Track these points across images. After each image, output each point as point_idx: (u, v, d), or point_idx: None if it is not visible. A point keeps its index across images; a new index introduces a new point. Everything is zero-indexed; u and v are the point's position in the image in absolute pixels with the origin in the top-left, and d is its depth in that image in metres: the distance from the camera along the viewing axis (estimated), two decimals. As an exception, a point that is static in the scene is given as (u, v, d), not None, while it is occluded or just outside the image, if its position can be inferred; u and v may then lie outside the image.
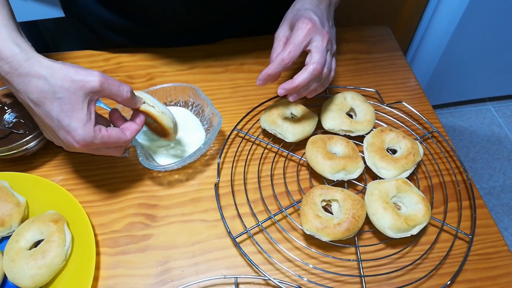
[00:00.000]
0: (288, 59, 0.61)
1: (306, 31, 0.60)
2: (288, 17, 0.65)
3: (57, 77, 0.50)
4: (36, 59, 0.50)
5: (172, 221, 0.64)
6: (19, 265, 0.55)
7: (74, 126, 0.51)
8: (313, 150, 0.66)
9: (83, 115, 0.51)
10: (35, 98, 0.50)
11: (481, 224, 0.65)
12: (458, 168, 0.71)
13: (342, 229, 0.58)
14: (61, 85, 0.50)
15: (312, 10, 0.63)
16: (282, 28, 0.65)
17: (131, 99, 0.56)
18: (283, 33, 0.64)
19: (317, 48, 0.61)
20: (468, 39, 1.62)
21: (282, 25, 0.65)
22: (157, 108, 0.59)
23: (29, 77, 0.50)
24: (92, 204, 0.65)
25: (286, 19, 0.65)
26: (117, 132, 0.56)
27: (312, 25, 0.60)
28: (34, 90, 0.50)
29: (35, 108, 0.52)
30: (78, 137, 0.52)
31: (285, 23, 0.65)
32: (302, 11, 0.62)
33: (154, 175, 0.69)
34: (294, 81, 0.61)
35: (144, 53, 0.85)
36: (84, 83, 0.50)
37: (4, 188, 0.62)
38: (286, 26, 0.65)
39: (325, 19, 0.64)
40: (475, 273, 0.60)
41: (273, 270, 0.60)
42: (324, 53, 0.61)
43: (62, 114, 0.51)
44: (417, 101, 0.81)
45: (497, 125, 2.00)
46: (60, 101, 0.50)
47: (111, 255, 0.61)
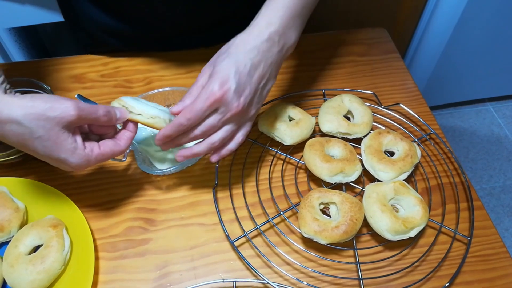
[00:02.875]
0: (186, 126, 0.55)
1: (211, 101, 0.53)
2: (221, 52, 0.58)
3: (31, 117, 0.47)
4: (6, 103, 0.47)
5: (170, 225, 0.64)
6: (18, 271, 0.55)
7: (64, 157, 0.51)
8: (311, 153, 0.67)
9: (68, 145, 0.50)
10: (15, 142, 0.49)
11: (479, 226, 0.65)
12: (456, 169, 0.72)
13: (340, 232, 0.58)
14: (37, 125, 0.48)
15: (240, 63, 0.54)
16: (207, 68, 0.58)
17: (110, 120, 0.54)
18: (204, 78, 0.57)
19: (210, 119, 0.55)
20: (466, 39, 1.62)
21: (210, 62, 0.58)
22: (145, 115, 0.57)
23: (2, 124, 0.47)
24: (90, 209, 0.66)
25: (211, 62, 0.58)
26: (110, 146, 0.55)
27: (221, 95, 0.53)
28: (12, 135, 0.48)
29: (22, 148, 0.51)
30: (73, 165, 0.52)
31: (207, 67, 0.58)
32: (226, 63, 0.54)
33: (153, 179, 0.69)
34: (192, 149, 0.58)
35: (142, 57, 0.86)
36: (59, 119, 0.49)
37: (3, 194, 0.62)
38: (209, 63, 0.58)
39: (252, 81, 0.56)
40: (473, 275, 0.61)
41: (271, 274, 0.60)
42: (214, 125, 0.56)
43: (47, 150, 0.50)
44: (414, 103, 0.81)
45: (497, 125, 2.00)
46: (41, 139, 0.49)
47: (110, 260, 0.61)
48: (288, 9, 0.58)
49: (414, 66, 1.76)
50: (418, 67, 1.75)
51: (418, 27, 1.66)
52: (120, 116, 0.56)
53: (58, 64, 0.84)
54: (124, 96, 0.60)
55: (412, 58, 1.77)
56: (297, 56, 0.88)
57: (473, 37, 1.62)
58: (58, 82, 0.82)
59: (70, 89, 0.81)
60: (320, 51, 0.89)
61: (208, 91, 0.53)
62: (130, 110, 0.57)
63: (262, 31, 0.57)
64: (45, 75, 0.83)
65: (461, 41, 1.62)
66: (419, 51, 1.71)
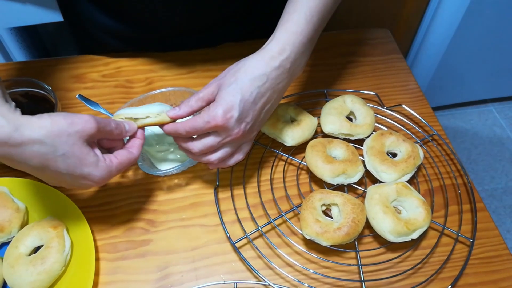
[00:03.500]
0: (184, 136, 0.57)
1: (211, 125, 0.54)
2: (222, 74, 0.57)
3: (52, 135, 0.47)
4: (25, 125, 0.46)
5: (171, 226, 0.64)
6: (19, 271, 0.55)
7: (88, 172, 0.50)
8: (312, 154, 0.66)
9: (91, 159, 0.50)
10: (37, 163, 0.48)
11: (482, 228, 0.65)
12: (459, 171, 0.71)
13: (342, 233, 0.58)
14: (60, 141, 0.47)
15: (246, 91, 0.54)
16: (214, 84, 0.57)
17: (121, 133, 0.55)
18: (207, 91, 0.56)
19: (209, 139, 0.57)
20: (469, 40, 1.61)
21: (217, 78, 0.57)
22: (152, 115, 0.57)
23: (24, 146, 0.46)
24: (91, 210, 0.65)
25: (220, 75, 0.57)
26: (125, 154, 0.55)
27: (222, 122, 0.54)
28: (34, 156, 0.47)
29: (40, 172, 0.50)
30: (96, 178, 0.51)
31: (217, 77, 0.58)
32: (232, 89, 0.54)
33: (154, 180, 0.69)
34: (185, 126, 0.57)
35: (143, 58, 0.86)
36: (81, 133, 0.49)
37: (4, 194, 0.62)
38: (215, 82, 0.57)
39: (256, 108, 0.56)
40: (476, 277, 0.60)
41: (273, 275, 0.60)
42: (221, 152, 0.59)
43: (71, 167, 0.49)
44: (417, 104, 0.80)
45: (499, 126, 1.99)
46: (64, 156, 0.48)
47: (110, 261, 0.61)
48: (301, 34, 0.56)
49: (416, 67, 1.76)
50: (420, 67, 1.75)
51: (420, 28, 1.66)
52: (129, 128, 0.56)
53: (59, 64, 0.84)
54: (119, 110, 0.59)
55: (414, 59, 1.76)
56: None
57: (475, 38, 1.61)
58: (59, 82, 0.81)
59: (71, 89, 0.80)
60: (322, 51, 0.89)
61: (211, 114, 0.54)
62: (135, 118, 0.57)
63: (274, 58, 0.56)
64: (46, 75, 0.82)
65: (464, 42, 1.61)
66: (422, 51, 1.70)
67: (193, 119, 0.55)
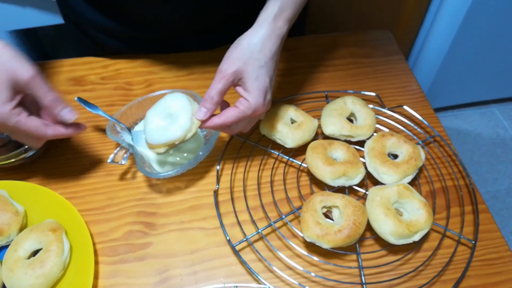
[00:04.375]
0: (228, 126, 0.60)
1: (258, 113, 0.59)
2: (237, 60, 0.57)
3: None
4: None
5: (171, 229, 0.64)
6: (18, 275, 0.55)
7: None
8: (313, 155, 0.66)
9: (3, 96, 0.50)
10: None
11: (484, 229, 0.64)
12: (461, 172, 0.71)
13: (343, 236, 0.57)
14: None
15: (270, 71, 0.58)
16: (231, 72, 0.57)
17: (52, 108, 0.55)
18: (225, 83, 0.57)
19: (251, 119, 0.61)
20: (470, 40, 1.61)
21: (228, 64, 0.58)
22: (187, 132, 0.59)
23: None
24: (90, 213, 0.65)
25: (233, 61, 0.57)
26: (36, 123, 0.54)
27: (266, 106, 0.59)
28: None
29: None
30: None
31: (231, 64, 0.57)
32: (261, 75, 0.57)
33: (153, 182, 0.69)
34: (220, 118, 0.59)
35: (142, 59, 0.85)
36: (13, 71, 0.50)
37: (3, 197, 0.62)
38: (231, 71, 0.57)
39: (270, 87, 0.60)
40: (478, 279, 0.60)
41: (273, 278, 0.59)
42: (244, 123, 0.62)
43: None
44: (418, 105, 0.80)
45: (502, 127, 1.98)
46: None
47: (109, 264, 0.60)
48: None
49: (418, 68, 1.76)
50: (422, 68, 1.74)
51: (421, 29, 1.65)
52: (67, 117, 0.56)
53: (58, 66, 0.84)
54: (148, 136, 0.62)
55: (416, 60, 1.76)
56: (300, 58, 0.87)
57: (477, 38, 1.61)
58: (58, 84, 0.81)
59: (70, 92, 0.80)
60: (323, 52, 0.89)
61: (254, 104, 0.57)
62: (177, 143, 0.60)
63: (280, 29, 0.59)
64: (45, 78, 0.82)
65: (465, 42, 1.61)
66: (423, 52, 1.70)
67: (233, 114, 0.57)
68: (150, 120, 0.62)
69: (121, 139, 0.67)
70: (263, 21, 0.59)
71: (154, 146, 0.61)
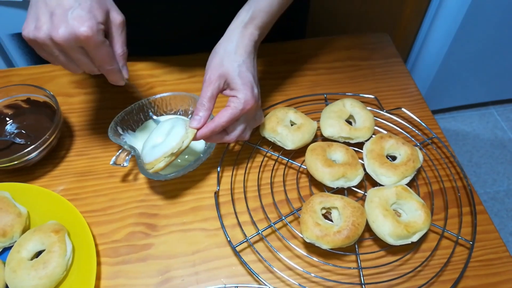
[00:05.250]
0: (219, 131, 0.61)
1: (247, 109, 0.60)
2: (217, 66, 0.60)
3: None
4: None
5: (172, 230, 0.64)
6: (21, 276, 0.56)
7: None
8: (312, 157, 0.67)
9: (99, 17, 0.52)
10: None
11: (481, 230, 0.65)
12: (458, 174, 0.71)
13: (342, 236, 0.58)
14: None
15: (250, 67, 0.61)
16: (216, 78, 0.60)
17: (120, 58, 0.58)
18: (212, 88, 0.60)
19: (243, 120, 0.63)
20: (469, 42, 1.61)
21: (210, 72, 0.61)
22: (183, 140, 0.60)
23: None
24: (92, 214, 0.66)
25: (215, 68, 0.60)
26: (111, 52, 0.56)
27: (254, 101, 0.60)
28: None
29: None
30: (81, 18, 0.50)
31: (213, 71, 0.60)
32: (242, 72, 0.60)
33: (155, 184, 0.69)
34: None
35: (144, 62, 0.86)
36: (109, 10, 0.54)
37: (6, 199, 0.62)
38: (215, 77, 0.60)
39: (255, 82, 0.62)
40: (476, 280, 0.60)
41: (273, 279, 0.60)
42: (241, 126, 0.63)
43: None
44: (416, 107, 0.81)
45: (500, 129, 1.99)
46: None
47: (111, 265, 0.61)
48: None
49: (416, 70, 1.76)
50: (420, 71, 1.75)
51: (420, 31, 1.66)
52: (125, 72, 0.60)
53: (60, 69, 0.85)
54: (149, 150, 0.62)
55: (414, 62, 1.77)
56: (299, 60, 0.88)
57: (475, 40, 1.61)
58: (60, 87, 0.82)
59: (72, 95, 0.81)
60: (322, 55, 0.89)
61: (243, 101, 0.59)
62: (174, 152, 0.60)
63: (251, 29, 0.63)
64: (47, 81, 0.83)
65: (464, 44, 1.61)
66: (421, 55, 1.71)
67: (226, 113, 0.59)
68: (147, 144, 0.63)
69: (123, 142, 0.68)
70: (234, 29, 0.63)
71: (153, 162, 0.60)
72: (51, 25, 0.51)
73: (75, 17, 0.50)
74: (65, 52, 0.53)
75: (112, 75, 0.58)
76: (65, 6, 0.50)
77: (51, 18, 0.51)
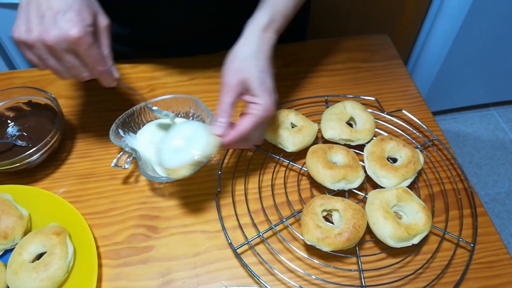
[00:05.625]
0: (243, 137, 0.59)
1: (268, 115, 0.59)
2: (238, 71, 0.59)
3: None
4: None
5: (173, 232, 0.64)
6: (22, 278, 0.56)
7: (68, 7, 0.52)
8: (313, 159, 0.67)
9: (87, 20, 0.53)
10: None
11: (482, 232, 0.65)
12: (459, 176, 0.71)
13: (343, 239, 0.58)
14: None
15: (269, 71, 0.61)
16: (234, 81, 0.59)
17: (107, 59, 0.58)
18: (230, 95, 0.59)
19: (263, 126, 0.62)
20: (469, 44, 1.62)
21: (230, 76, 0.59)
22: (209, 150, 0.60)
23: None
24: (94, 216, 0.66)
25: (235, 72, 0.59)
26: (101, 54, 0.56)
27: (274, 107, 0.60)
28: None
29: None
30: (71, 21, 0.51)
31: (234, 76, 0.59)
32: (262, 78, 0.59)
33: (155, 186, 0.69)
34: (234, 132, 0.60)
35: (145, 64, 0.86)
36: (95, 12, 0.55)
37: (7, 201, 0.62)
38: (236, 82, 0.59)
39: (274, 89, 0.61)
40: (477, 282, 0.60)
41: (274, 281, 0.60)
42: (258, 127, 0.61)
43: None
44: (417, 109, 0.81)
45: (501, 130, 1.99)
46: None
47: (113, 267, 0.61)
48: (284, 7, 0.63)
49: (417, 72, 1.76)
50: (421, 72, 1.75)
51: (420, 33, 1.66)
52: (114, 71, 0.60)
53: (62, 72, 0.85)
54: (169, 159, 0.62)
55: (414, 64, 1.77)
56: (299, 62, 0.88)
57: (476, 41, 1.62)
58: (62, 90, 0.82)
59: (74, 97, 0.81)
60: (322, 57, 0.89)
61: (264, 107, 0.58)
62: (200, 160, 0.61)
63: (270, 33, 0.62)
64: (48, 83, 0.83)
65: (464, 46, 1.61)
66: (422, 57, 1.71)
67: (249, 121, 0.58)
68: (166, 146, 0.63)
69: (124, 144, 0.68)
70: (253, 31, 0.61)
71: (178, 169, 0.60)
72: (42, 28, 0.52)
73: (66, 20, 0.51)
74: (55, 55, 0.54)
75: (104, 75, 0.59)
76: (55, 9, 0.52)
77: (41, 20, 0.52)
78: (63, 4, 0.52)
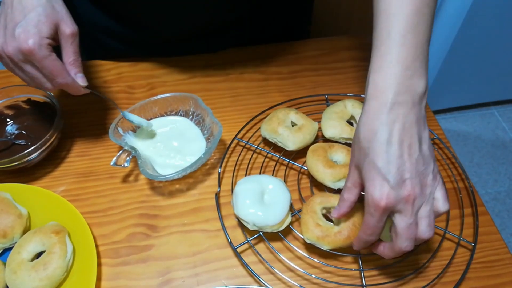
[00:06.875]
0: (371, 238, 0.53)
1: (378, 215, 0.49)
2: (355, 157, 0.52)
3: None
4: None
5: (173, 231, 0.64)
6: (21, 277, 0.55)
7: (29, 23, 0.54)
8: (313, 158, 0.66)
9: (44, 30, 0.54)
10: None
11: (483, 232, 0.65)
12: (460, 175, 0.71)
13: (343, 237, 0.58)
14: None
15: (379, 155, 0.48)
16: (353, 168, 0.53)
17: (71, 67, 0.59)
18: (350, 182, 0.54)
19: (399, 227, 0.49)
20: (470, 43, 1.61)
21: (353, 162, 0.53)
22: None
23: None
24: (93, 215, 0.66)
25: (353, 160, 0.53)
26: (61, 65, 0.57)
27: (385, 198, 0.47)
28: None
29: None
30: (26, 33, 0.53)
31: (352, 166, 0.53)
32: (367, 164, 0.49)
33: (155, 185, 0.69)
34: (377, 248, 0.56)
35: (145, 63, 0.86)
36: (60, 20, 0.56)
37: (6, 200, 0.62)
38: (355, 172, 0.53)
39: (404, 159, 0.48)
40: (478, 281, 0.60)
41: (274, 280, 0.60)
42: (409, 228, 0.49)
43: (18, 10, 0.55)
44: (418, 108, 0.80)
45: (502, 129, 1.99)
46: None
47: (112, 266, 0.61)
48: (399, 62, 0.50)
49: (417, 70, 1.76)
50: (421, 71, 1.75)
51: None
52: (80, 80, 0.61)
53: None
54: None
55: (415, 63, 1.76)
56: (300, 61, 0.88)
57: (477, 40, 1.61)
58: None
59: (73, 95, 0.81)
60: (323, 56, 0.89)
61: (369, 202, 0.49)
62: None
63: (381, 105, 0.49)
64: (48, 81, 0.83)
65: (465, 45, 1.61)
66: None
67: (363, 222, 0.52)
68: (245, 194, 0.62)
69: (124, 142, 0.67)
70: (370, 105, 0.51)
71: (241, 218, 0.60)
72: (3, 40, 0.55)
73: (21, 32, 0.53)
74: (17, 66, 0.56)
75: (67, 87, 0.60)
76: (16, 21, 0.54)
77: (4, 32, 0.55)
78: (22, 16, 0.54)
